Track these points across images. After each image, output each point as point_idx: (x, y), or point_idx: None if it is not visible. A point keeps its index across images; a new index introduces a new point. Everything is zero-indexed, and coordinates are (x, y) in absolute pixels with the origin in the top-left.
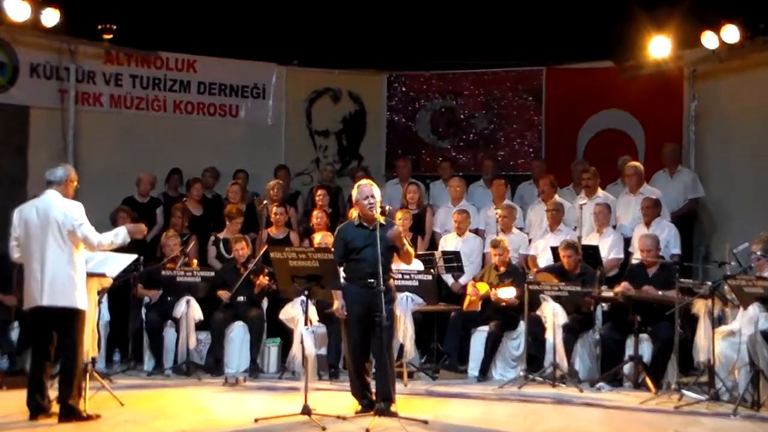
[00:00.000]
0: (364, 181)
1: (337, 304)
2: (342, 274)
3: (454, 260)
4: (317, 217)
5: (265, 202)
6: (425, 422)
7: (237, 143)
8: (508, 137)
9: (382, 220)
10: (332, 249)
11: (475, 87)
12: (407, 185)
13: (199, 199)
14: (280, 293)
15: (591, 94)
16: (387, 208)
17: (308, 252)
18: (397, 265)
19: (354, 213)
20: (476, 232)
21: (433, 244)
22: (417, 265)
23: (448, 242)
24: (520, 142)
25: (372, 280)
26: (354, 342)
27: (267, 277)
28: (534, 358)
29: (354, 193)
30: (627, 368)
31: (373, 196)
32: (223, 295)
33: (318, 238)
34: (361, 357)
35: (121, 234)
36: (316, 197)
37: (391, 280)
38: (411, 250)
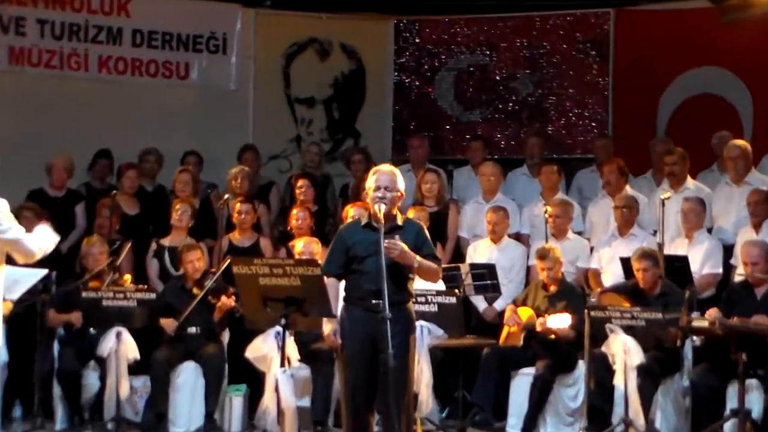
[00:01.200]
0: (386, 167)
1: (329, 327)
2: (341, 292)
3: (486, 276)
4: (298, 217)
5: (225, 196)
6: None
7: (187, 116)
8: (562, 106)
9: (399, 220)
10: (322, 259)
11: (517, 37)
12: (422, 173)
13: (135, 193)
14: (246, 323)
15: (677, 45)
16: (377, 207)
17: (286, 265)
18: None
19: (351, 211)
20: (517, 237)
21: (459, 254)
22: (437, 283)
23: (479, 251)
24: (579, 113)
25: (376, 301)
26: (352, 388)
27: (231, 299)
28: (598, 412)
29: (369, 180)
30: (729, 426)
31: (388, 188)
32: (169, 325)
33: (299, 246)
34: (361, 410)
35: (50, 233)
36: (297, 190)
37: (410, 304)
38: (431, 263)
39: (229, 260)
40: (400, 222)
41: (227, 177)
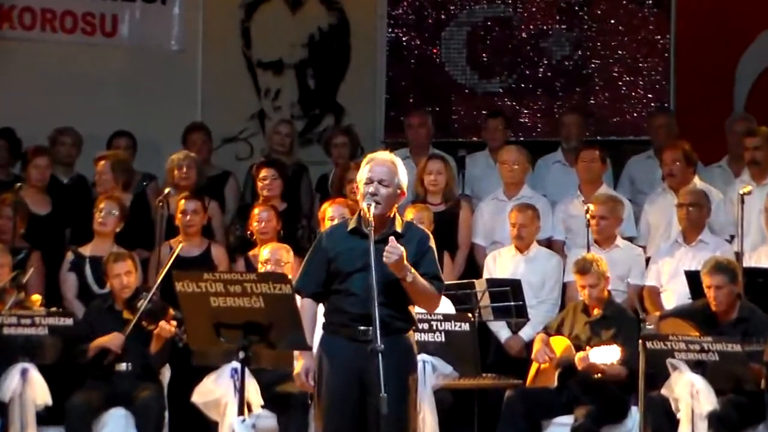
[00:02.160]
0: (383, 156)
1: (301, 364)
2: (319, 317)
3: (509, 296)
4: (261, 218)
5: (166, 191)
6: None
7: (115, 85)
8: (608, 74)
9: (399, 225)
10: (294, 273)
11: None
12: (425, 161)
13: (46, 186)
14: (193, 357)
15: None
16: (367, 207)
17: (246, 281)
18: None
19: (330, 210)
20: (550, 244)
21: (473, 267)
22: (444, 305)
23: (500, 263)
24: (631, 81)
25: (365, 328)
26: None
27: (173, 325)
28: None
29: (360, 171)
30: None
31: (384, 183)
32: (113, 341)
33: (263, 255)
34: None
35: None
36: (260, 182)
37: (411, 333)
38: (428, 285)
39: (168, 273)
40: (399, 227)
41: (168, 165)
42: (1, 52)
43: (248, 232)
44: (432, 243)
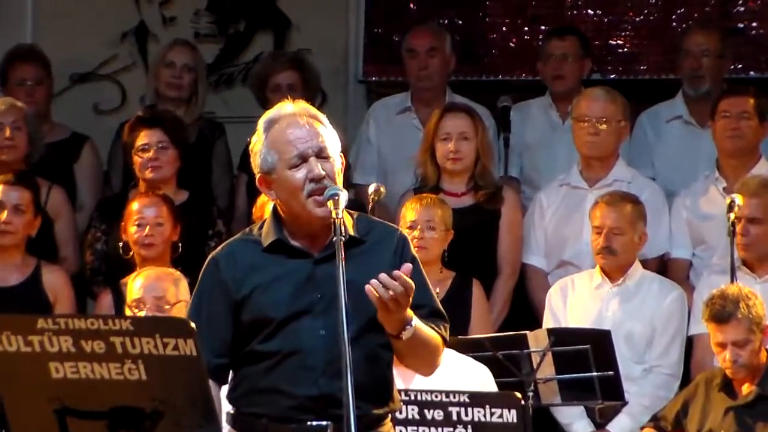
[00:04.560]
0: (295, 108)
1: None
2: (225, 404)
3: (589, 360)
4: (143, 217)
5: None
6: None
7: None
8: None
9: (350, 224)
10: (186, 317)
11: None
12: (438, 115)
13: None
14: None
15: None
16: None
17: (115, 332)
18: (406, 380)
19: (266, 207)
20: (664, 266)
21: (524, 307)
22: (474, 374)
23: (575, 300)
24: None
25: (318, 424)
26: None
27: None
28: None
29: (262, 139)
30: None
31: (322, 154)
32: None
33: (136, 287)
34: None
35: None
36: (138, 154)
37: (389, 424)
38: (433, 333)
39: None
40: (350, 227)
41: None
42: None
43: (120, 244)
44: (412, 249)
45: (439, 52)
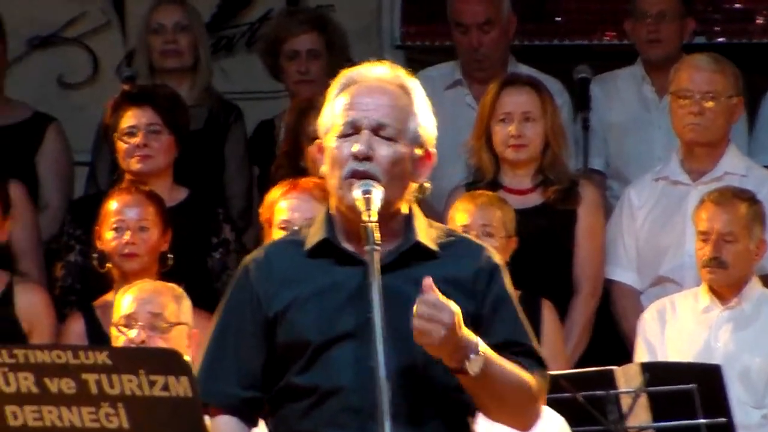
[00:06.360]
0: (377, 73)
1: None
2: None
3: (695, 403)
4: (126, 220)
5: None
6: None
7: None
8: None
9: (422, 231)
10: (197, 352)
11: None
12: (497, 88)
13: None
14: None
15: None
16: (357, 194)
17: (89, 368)
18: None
19: (284, 201)
20: None
21: (611, 334)
22: (547, 421)
23: (676, 326)
24: None
25: None
26: None
27: None
28: None
29: (328, 110)
30: None
31: (384, 131)
32: None
33: (124, 305)
34: None
35: None
36: (123, 140)
37: None
38: (519, 371)
39: None
40: (423, 235)
41: None
42: None
43: (94, 255)
44: (507, 276)
45: (495, 25)
